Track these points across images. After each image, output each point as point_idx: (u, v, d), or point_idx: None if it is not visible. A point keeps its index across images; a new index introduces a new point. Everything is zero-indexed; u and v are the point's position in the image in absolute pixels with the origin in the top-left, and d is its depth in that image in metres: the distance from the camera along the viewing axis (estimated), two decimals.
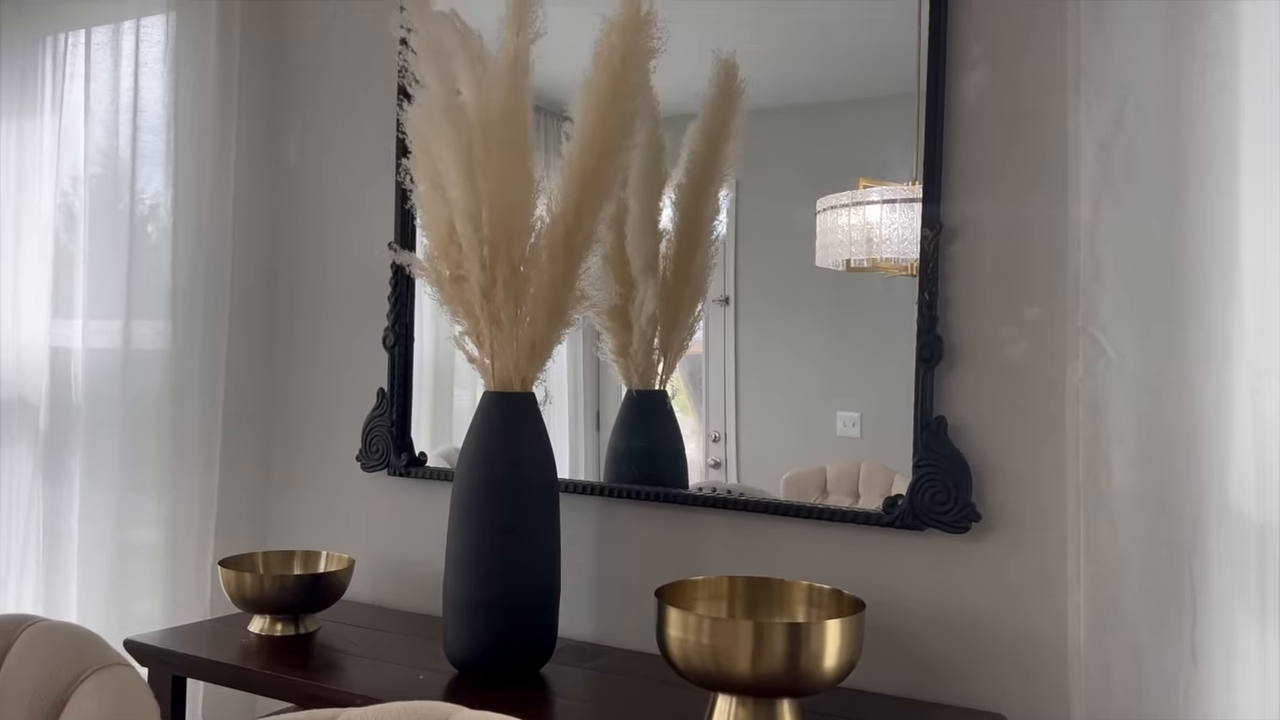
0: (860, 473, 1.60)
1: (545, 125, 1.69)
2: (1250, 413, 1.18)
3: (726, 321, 1.71)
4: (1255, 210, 1.18)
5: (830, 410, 1.60)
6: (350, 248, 1.96)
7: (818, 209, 1.60)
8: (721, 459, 1.71)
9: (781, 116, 1.69)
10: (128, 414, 2.09)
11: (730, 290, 1.70)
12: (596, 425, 1.80)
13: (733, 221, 1.69)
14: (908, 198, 1.50)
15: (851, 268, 1.60)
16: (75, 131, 2.20)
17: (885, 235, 1.56)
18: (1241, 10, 1.18)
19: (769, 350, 1.70)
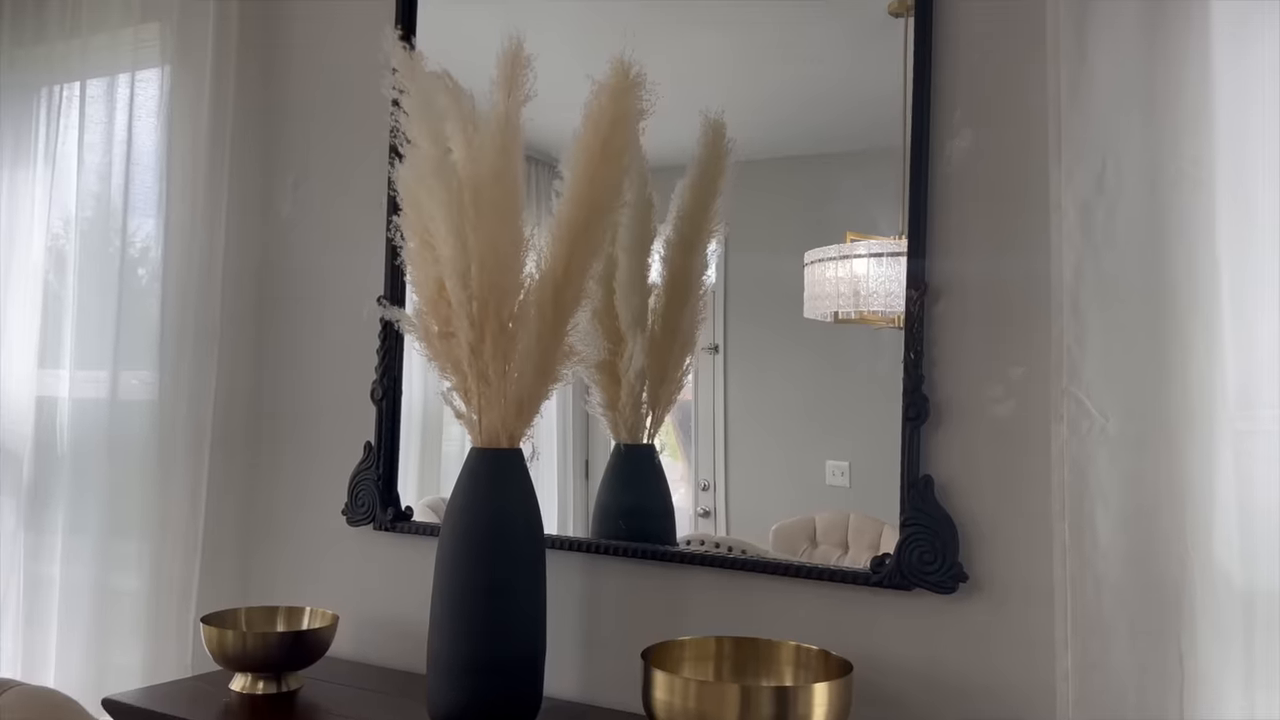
0: (849, 523, 1.60)
1: (536, 175, 1.71)
2: (1234, 475, 1.19)
3: (716, 369, 1.71)
4: (1235, 275, 1.20)
5: (819, 459, 1.61)
6: (340, 301, 1.97)
7: (805, 261, 1.61)
8: (711, 507, 1.71)
9: (770, 167, 1.71)
10: (113, 464, 2.08)
11: (720, 338, 1.71)
12: (585, 477, 1.80)
13: (722, 270, 1.71)
14: (894, 252, 1.51)
15: (839, 319, 1.61)
16: (67, 181, 2.21)
17: (872, 289, 1.57)
18: (1216, 81, 1.21)
19: (758, 398, 1.70)
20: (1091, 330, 1.26)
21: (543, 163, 1.67)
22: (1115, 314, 1.25)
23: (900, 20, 1.52)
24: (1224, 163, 1.20)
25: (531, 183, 1.70)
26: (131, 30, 2.14)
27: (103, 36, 2.17)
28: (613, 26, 1.81)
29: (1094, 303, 1.25)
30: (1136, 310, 1.24)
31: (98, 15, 2.17)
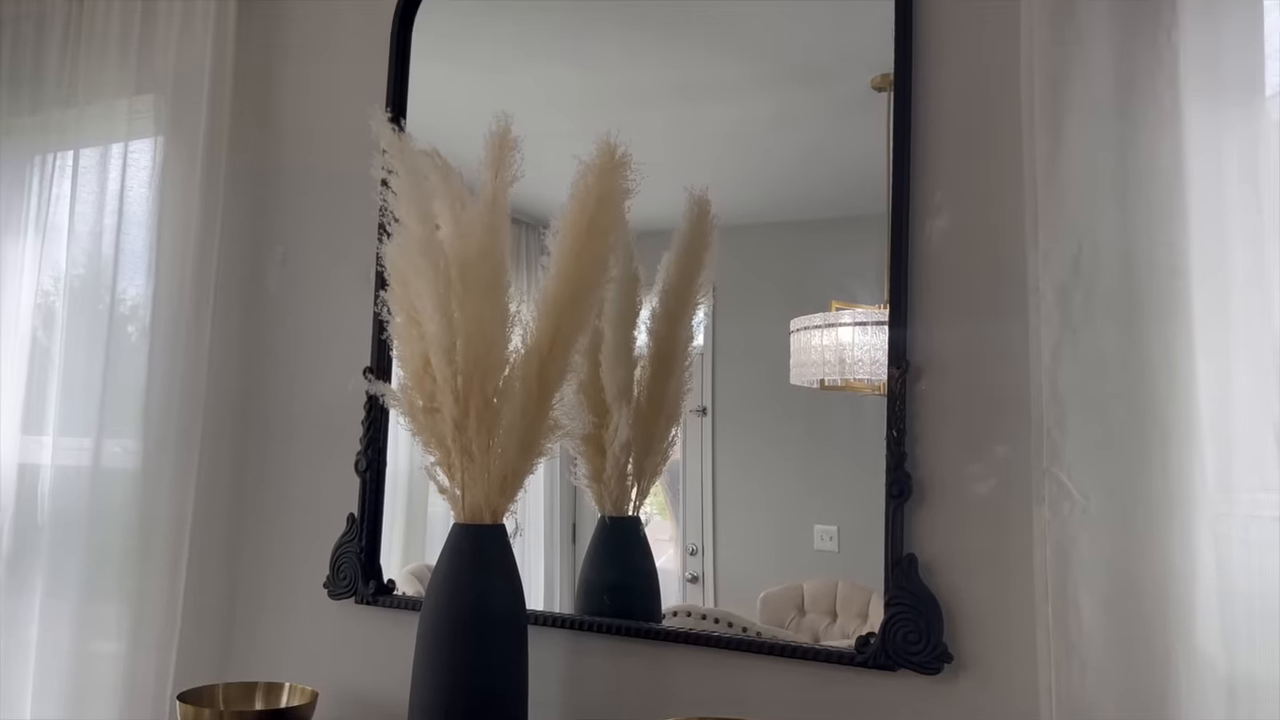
0: (838, 591, 1.59)
1: (525, 238, 1.73)
2: (1213, 559, 1.19)
3: (704, 432, 1.72)
4: (1211, 359, 1.21)
5: (808, 523, 1.61)
6: (326, 373, 1.97)
7: (791, 329, 1.63)
8: (699, 572, 1.70)
9: (756, 232, 1.74)
10: (93, 533, 2.06)
11: (708, 401, 1.72)
12: (573, 548, 1.79)
13: (710, 333, 1.72)
14: (879, 321, 1.53)
15: (826, 387, 1.62)
16: (59, 242, 2.23)
17: (858, 357, 1.59)
18: (1189, 168, 1.24)
19: (747, 461, 1.71)
20: (1071, 412, 1.27)
21: (531, 226, 1.69)
22: (1094, 397, 1.26)
23: (883, 95, 1.56)
24: (1198, 248, 1.23)
25: (520, 246, 1.72)
26: (126, 101, 2.16)
27: (98, 107, 2.20)
28: (602, 94, 1.85)
29: (1073, 385, 1.27)
30: (1115, 393, 1.25)
31: (94, 86, 2.20)
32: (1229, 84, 1.23)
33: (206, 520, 2.03)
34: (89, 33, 2.21)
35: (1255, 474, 1.20)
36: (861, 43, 1.60)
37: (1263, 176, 1.20)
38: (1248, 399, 1.20)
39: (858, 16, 1.61)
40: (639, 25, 1.82)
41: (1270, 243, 1.19)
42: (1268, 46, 1.24)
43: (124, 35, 2.16)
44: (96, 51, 2.19)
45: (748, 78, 1.72)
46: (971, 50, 1.47)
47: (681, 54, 1.78)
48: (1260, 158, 1.20)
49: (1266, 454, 1.19)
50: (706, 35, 1.74)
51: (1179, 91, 1.23)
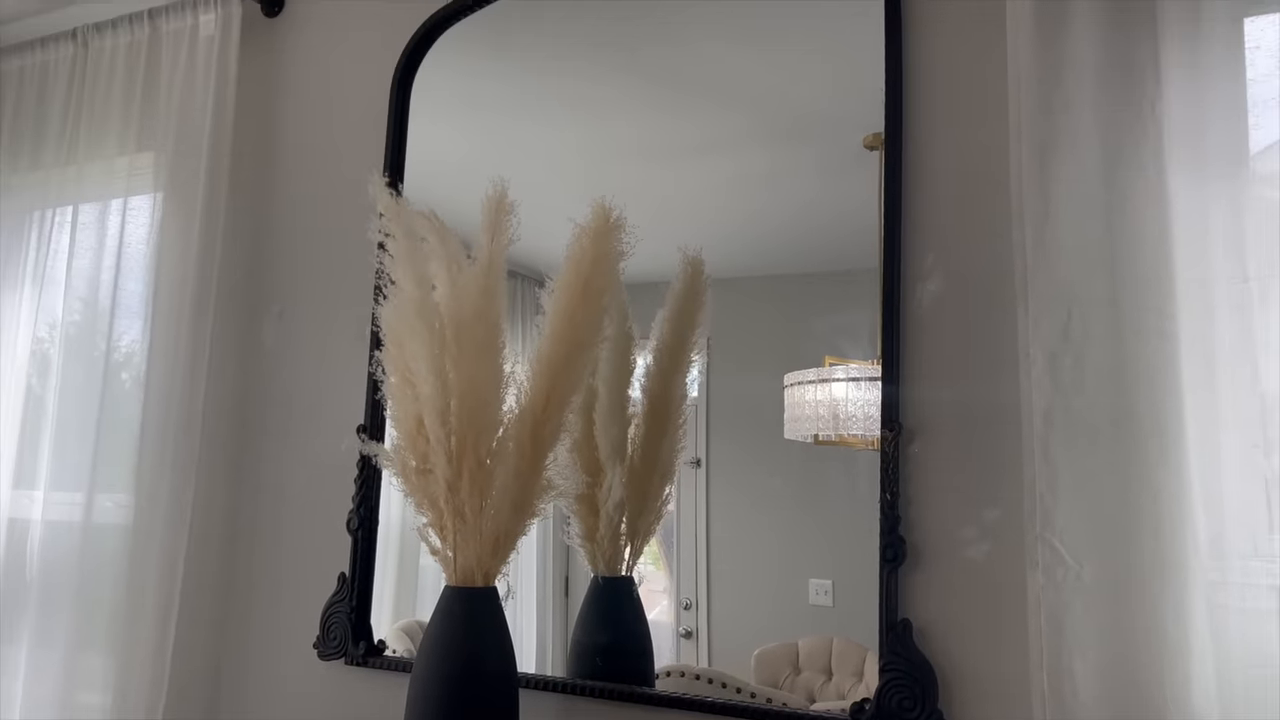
0: (833, 648, 1.58)
1: (521, 291, 1.74)
2: (1208, 627, 1.19)
3: (698, 484, 1.72)
4: (1201, 425, 1.22)
5: (803, 576, 1.60)
6: (319, 430, 1.97)
7: (785, 383, 1.63)
8: (693, 627, 1.69)
9: (750, 285, 1.75)
10: (82, 588, 2.04)
11: (702, 452, 1.71)
12: (565, 600, 1.78)
13: (704, 386, 1.72)
14: (872, 376, 1.54)
15: (820, 441, 1.63)
16: (54, 303, 2.23)
17: (851, 412, 1.59)
18: (1176, 234, 1.26)
19: (741, 514, 1.70)
20: (1063, 477, 1.27)
21: (527, 278, 1.70)
22: (1086, 462, 1.26)
23: (874, 154, 1.58)
24: (1186, 314, 1.24)
25: (516, 298, 1.73)
26: (127, 159, 2.19)
27: (98, 164, 2.22)
28: (599, 149, 1.88)
29: (1064, 450, 1.27)
30: (1106, 458, 1.25)
31: (95, 144, 2.22)
32: (1213, 155, 1.25)
33: (197, 576, 2.01)
34: (92, 91, 2.25)
35: (1248, 541, 1.20)
36: (853, 102, 1.63)
37: (1248, 246, 1.22)
38: (1238, 465, 1.20)
39: (850, 76, 1.64)
40: (636, 84, 1.85)
41: (1256, 311, 1.20)
42: (1251, 116, 1.27)
43: (127, 94, 2.20)
44: (99, 110, 2.22)
45: (742, 135, 1.75)
46: (961, 114, 1.49)
47: (677, 112, 1.81)
48: (1245, 228, 1.22)
49: (1258, 521, 1.19)
50: (701, 93, 1.78)
51: (1164, 162, 1.25)
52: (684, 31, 1.81)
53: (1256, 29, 1.28)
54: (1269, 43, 1.27)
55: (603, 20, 1.88)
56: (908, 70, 1.54)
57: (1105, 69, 1.30)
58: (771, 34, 1.72)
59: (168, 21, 2.16)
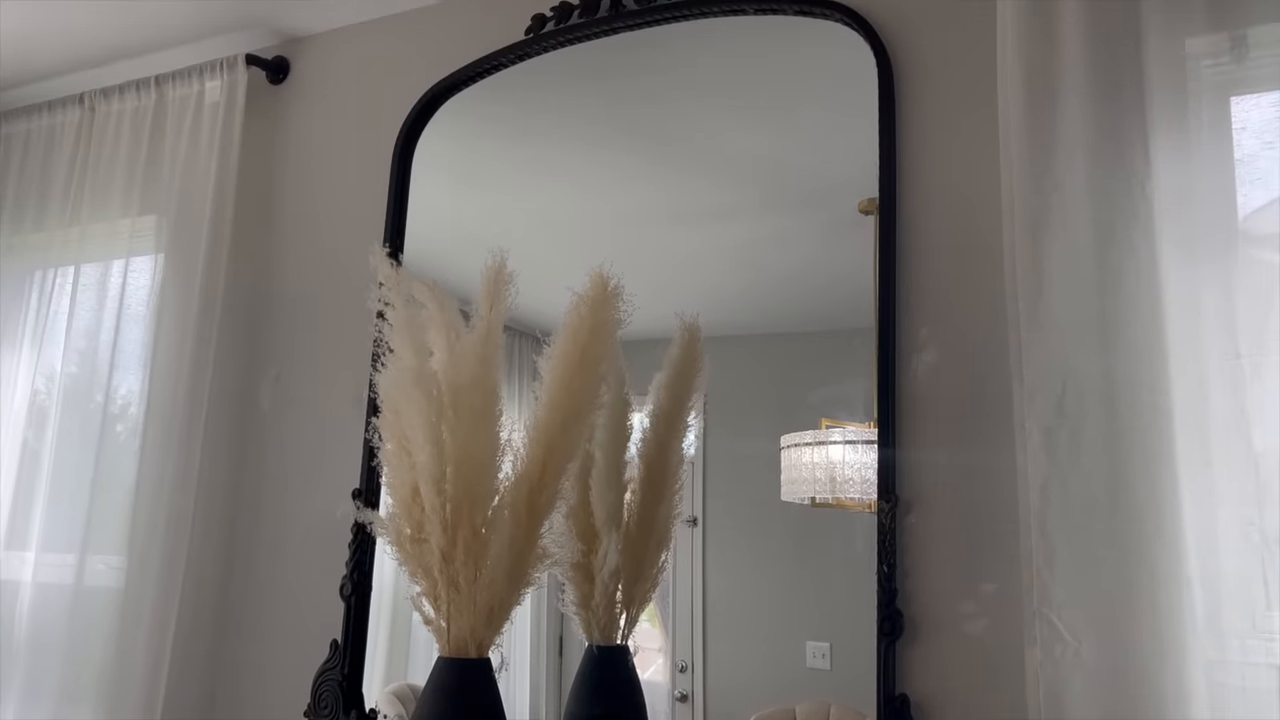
0: (830, 715, 1.56)
1: (519, 348, 1.74)
2: (1209, 707, 1.18)
3: (695, 543, 1.71)
4: (1196, 500, 1.22)
5: (800, 639, 1.58)
6: (315, 494, 1.97)
7: (782, 444, 1.63)
8: (689, 691, 1.67)
9: (749, 343, 1.76)
10: (71, 650, 2.02)
11: (699, 511, 1.71)
12: (560, 669, 1.76)
13: (702, 444, 1.72)
14: (869, 440, 1.54)
15: (817, 504, 1.62)
16: (52, 361, 2.24)
17: (848, 475, 1.59)
18: (1167, 311, 1.27)
19: (738, 574, 1.69)
20: (1060, 552, 1.27)
21: (525, 334, 1.71)
22: (1083, 537, 1.26)
23: (870, 218, 1.60)
24: (1180, 390, 1.25)
25: (514, 355, 1.74)
26: (130, 221, 2.21)
27: (101, 226, 2.24)
28: (600, 210, 1.91)
29: (1061, 525, 1.27)
30: (1103, 534, 1.25)
31: (98, 206, 2.25)
32: (1202, 233, 1.27)
33: (188, 640, 1.99)
34: (97, 154, 2.28)
35: (1246, 618, 1.19)
36: (849, 167, 1.65)
37: (1239, 323, 1.23)
38: (1234, 542, 1.20)
39: (846, 142, 1.67)
40: (635, 151, 1.88)
41: (1249, 387, 1.21)
42: (1239, 195, 1.29)
43: (131, 157, 2.23)
44: (104, 172, 2.26)
45: (738, 200, 1.77)
46: (954, 189, 1.52)
47: (675, 178, 1.84)
48: (1235, 305, 1.23)
49: (1255, 598, 1.19)
50: (698, 161, 1.81)
51: (1155, 240, 1.27)
52: (680, 102, 1.84)
53: (1242, 110, 1.31)
54: (1254, 123, 1.29)
55: (602, 92, 1.92)
56: (901, 145, 1.57)
57: (1095, 148, 1.33)
58: (767, 103, 1.76)
59: (174, 88, 2.20)
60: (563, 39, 1.87)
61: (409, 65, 2.04)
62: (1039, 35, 1.39)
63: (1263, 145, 1.28)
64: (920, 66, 1.58)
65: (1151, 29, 1.33)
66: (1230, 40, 1.32)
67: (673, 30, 1.79)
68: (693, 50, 1.81)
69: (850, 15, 1.62)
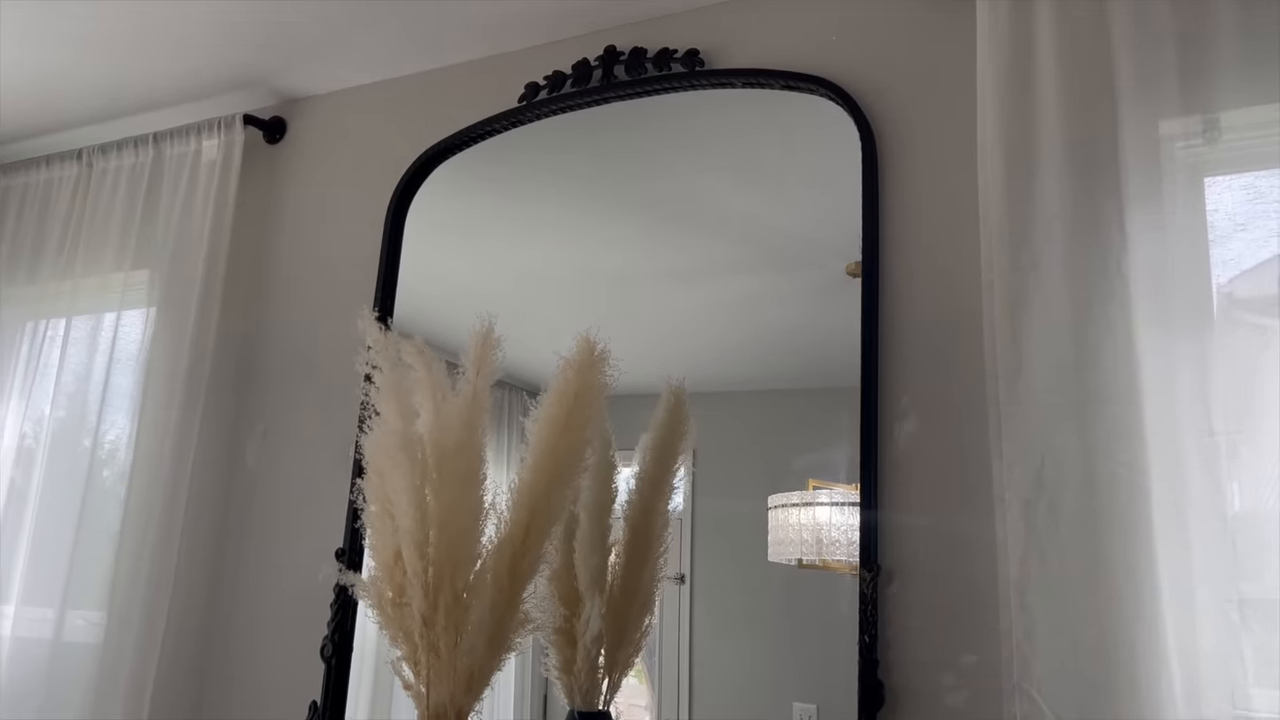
0: None
1: (508, 401, 1.75)
2: None
3: (682, 601, 1.70)
4: (1173, 578, 1.23)
5: (786, 700, 1.57)
6: (298, 552, 1.96)
7: (770, 505, 1.63)
8: None
9: (735, 400, 1.77)
10: (45, 707, 1.99)
11: (686, 568, 1.70)
12: None
13: (690, 501, 1.72)
14: (855, 501, 1.54)
15: (803, 565, 1.62)
16: (40, 412, 2.24)
17: (834, 537, 1.59)
18: (1144, 387, 1.29)
19: (725, 633, 1.68)
20: (1040, 625, 1.27)
21: (515, 388, 1.72)
22: (1062, 612, 1.27)
23: (856, 280, 1.62)
24: (1157, 468, 1.26)
25: (503, 409, 1.74)
26: (123, 275, 2.23)
27: (93, 279, 2.26)
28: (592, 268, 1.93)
29: (1041, 599, 1.28)
30: (1082, 610, 1.26)
31: (92, 260, 2.27)
32: (1178, 312, 1.29)
33: (166, 698, 1.97)
34: (93, 209, 2.30)
35: (1225, 696, 1.19)
36: (836, 229, 1.68)
37: (1213, 401, 1.24)
38: (1212, 620, 1.20)
39: (833, 207, 1.69)
40: (626, 212, 1.91)
41: (1224, 465, 1.23)
42: (1213, 275, 1.31)
43: (127, 213, 2.25)
44: (99, 227, 2.28)
45: (730, 259, 1.79)
46: (936, 256, 1.55)
47: (665, 239, 1.87)
48: (1210, 383, 1.25)
49: (1234, 676, 1.19)
50: (687, 222, 1.83)
51: (1131, 318, 1.29)
52: (672, 164, 1.88)
53: (1215, 192, 1.34)
54: (1226, 205, 1.32)
55: (595, 153, 1.96)
56: (883, 214, 1.60)
57: (1073, 224, 1.36)
58: (757, 167, 1.79)
59: (171, 145, 2.23)
60: (555, 107, 1.91)
61: (405, 128, 2.08)
62: (1018, 112, 1.43)
63: (1234, 227, 1.31)
64: (902, 140, 1.62)
65: (1127, 110, 1.37)
66: (1203, 123, 1.35)
67: (664, 99, 1.84)
68: (684, 116, 1.86)
69: (834, 90, 1.66)
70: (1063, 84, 1.41)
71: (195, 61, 2.14)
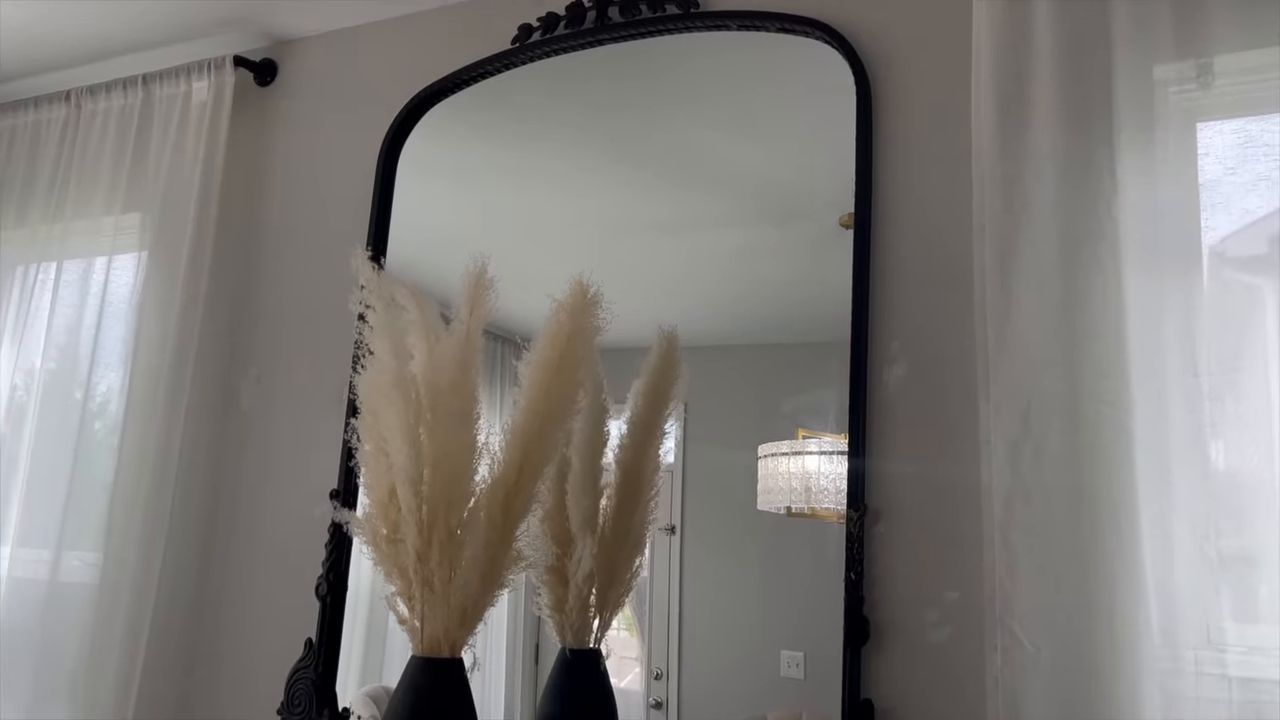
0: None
1: (500, 352, 1.76)
2: (1161, 712, 1.21)
3: (672, 551, 1.72)
4: (1153, 516, 1.25)
5: (774, 648, 1.60)
6: (292, 493, 1.98)
7: (759, 454, 1.65)
8: (663, 698, 1.68)
9: (728, 354, 1.78)
10: (46, 646, 2.02)
11: (677, 519, 1.72)
12: (535, 672, 1.77)
13: (680, 453, 1.74)
14: (844, 450, 1.56)
15: (792, 513, 1.64)
16: (32, 358, 2.24)
17: (823, 485, 1.61)
18: (1130, 333, 1.30)
19: (714, 582, 1.71)
20: (1022, 563, 1.30)
21: (507, 340, 1.72)
22: (1045, 549, 1.29)
23: (850, 232, 1.62)
24: (1140, 408, 1.28)
25: (495, 360, 1.75)
26: (113, 219, 2.21)
27: (84, 223, 2.25)
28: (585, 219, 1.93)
29: (1024, 537, 1.30)
30: (1064, 547, 1.28)
31: (82, 203, 2.25)
32: (1166, 255, 1.30)
33: (162, 637, 1.99)
34: (82, 151, 2.28)
35: (1200, 630, 1.22)
36: (830, 182, 1.67)
37: (1198, 343, 1.26)
38: (1189, 556, 1.23)
39: (826, 157, 1.69)
40: (619, 161, 1.91)
41: (1206, 405, 1.25)
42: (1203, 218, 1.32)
43: (117, 156, 2.23)
44: (89, 170, 2.26)
45: (724, 210, 1.79)
46: (929, 202, 1.55)
47: (659, 190, 1.86)
48: (1196, 325, 1.27)
49: (1209, 610, 1.22)
50: (682, 173, 1.83)
51: (1120, 261, 1.30)
52: (666, 112, 1.87)
53: (1206, 136, 1.34)
54: (1217, 149, 1.33)
55: (588, 99, 1.95)
56: (877, 161, 1.60)
57: (1064, 166, 1.36)
58: (751, 115, 1.78)
59: (161, 87, 2.21)
60: (548, 49, 1.90)
61: (396, 70, 2.06)
62: (1013, 56, 1.43)
63: (1225, 171, 1.31)
64: (897, 84, 1.62)
65: (1121, 54, 1.37)
66: (1196, 68, 1.35)
67: (658, 42, 1.82)
68: (678, 60, 1.84)
69: (830, 34, 1.66)
70: (1058, 28, 1.40)
71: (184, 1, 2.11)
